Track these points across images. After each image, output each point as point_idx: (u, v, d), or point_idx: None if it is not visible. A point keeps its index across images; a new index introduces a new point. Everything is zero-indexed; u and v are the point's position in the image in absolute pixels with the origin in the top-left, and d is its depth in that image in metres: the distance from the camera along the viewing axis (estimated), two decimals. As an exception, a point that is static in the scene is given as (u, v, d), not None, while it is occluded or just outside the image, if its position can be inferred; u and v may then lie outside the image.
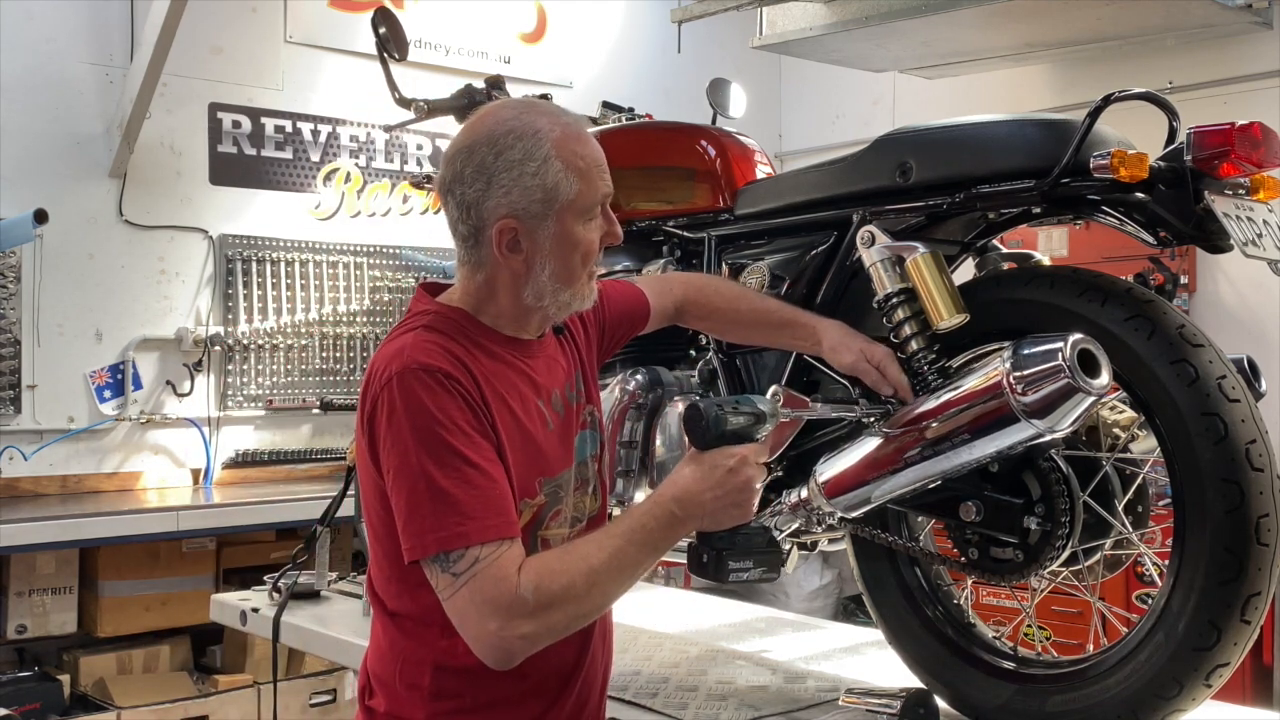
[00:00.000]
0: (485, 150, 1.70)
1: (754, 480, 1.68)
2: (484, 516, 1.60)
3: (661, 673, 2.44)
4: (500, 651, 1.59)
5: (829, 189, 2.16)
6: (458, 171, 1.72)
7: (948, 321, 1.90)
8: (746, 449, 1.69)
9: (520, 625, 1.57)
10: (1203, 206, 1.74)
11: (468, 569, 1.58)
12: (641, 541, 1.65)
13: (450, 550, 1.58)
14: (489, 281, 1.76)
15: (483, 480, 1.61)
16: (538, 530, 1.77)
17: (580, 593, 1.61)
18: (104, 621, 4.57)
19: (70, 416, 4.84)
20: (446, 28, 5.76)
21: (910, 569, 2.13)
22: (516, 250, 1.72)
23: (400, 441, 1.61)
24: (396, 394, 1.62)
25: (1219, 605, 1.68)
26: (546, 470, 1.78)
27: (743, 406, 1.72)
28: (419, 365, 1.63)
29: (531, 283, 1.74)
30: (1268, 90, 4.93)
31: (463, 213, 1.72)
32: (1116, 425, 1.96)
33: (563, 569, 1.61)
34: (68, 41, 4.83)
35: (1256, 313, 5.01)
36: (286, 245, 5.35)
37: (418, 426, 1.61)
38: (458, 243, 1.77)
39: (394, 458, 1.62)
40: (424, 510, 1.60)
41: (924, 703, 2.00)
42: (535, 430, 1.77)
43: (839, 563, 5.74)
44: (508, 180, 1.69)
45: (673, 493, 1.67)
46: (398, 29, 2.76)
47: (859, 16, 4.91)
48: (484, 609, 1.57)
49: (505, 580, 1.57)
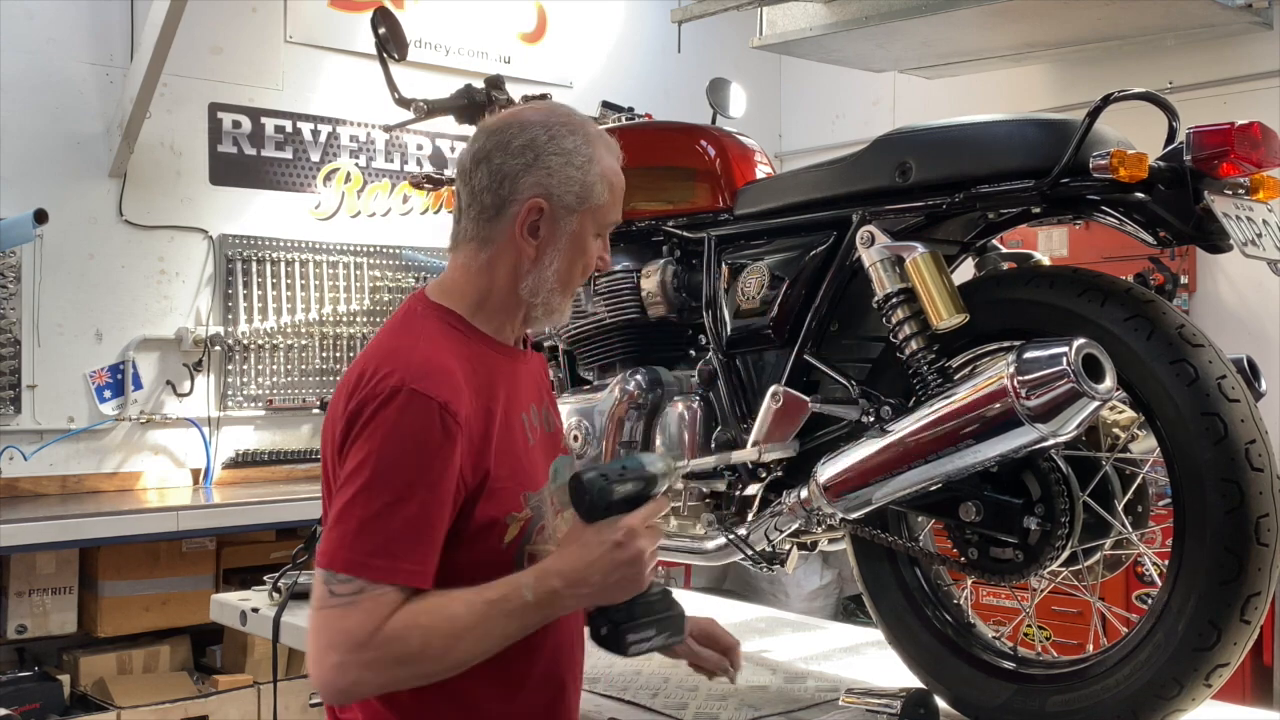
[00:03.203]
0: (539, 130, 1.71)
1: (644, 551, 1.63)
2: (397, 558, 1.57)
3: (661, 673, 2.43)
4: (331, 686, 1.57)
5: (829, 189, 2.16)
6: (503, 142, 1.71)
7: (947, 321, 1.90)
8: (635, 518, 1.63)
9: (359, 671, 1.55)
10: (1202, 206, 1.74)
11: (347, 596, 1.55)
12: (515, 613, 1.61)
13: (344, 573, 1.56)
14: (491, 262, 1.74)
15: (423, 525, 1.59)
16: (525, 545, 1.73)
17: (435, 654, 1.58)
18: (104, 621, 4.57)
19: (70, 416, 4.84)
20: (446, 28, 5.76)
21: (910, 569, 2.13)
22: (534, 234, 1.72)
23: (369, 450, 1.59)
24: (389, 407, 1.59)
25: (1219, 605, 1.68)
26: (530, 484, 1.75)
27: (630, 471, 1.66)
28: (422, 390, 1.60)
29: (535, 273, 1.74)
30: (1268, 90, 4.93)
31: (495, 181, 1.70)
32: (1116, 425, 1.96)
33: (429, 625, 1.57)
34: (68, 41, 4.83)
35: (1256, 313, 5.01)
36: (286, 245, 5.35)
37: (391, 448, 1.58)
38: (472, 215, 1.74)
39: (354, 460, 1.60)
40: (349, 525, 1.58)
41: (924, 703, 2.00)
42: (520, 442, 1.75)
43: (839, 563, 5.74)
44: (555, 163, 1.70)
45: (558, 568, 1.62)
46: (397, 29, 2.76)
47: (859, 16, 4.91)
48: (335, 638, 1.55)
49: (370, 621, 1.54)
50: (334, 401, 1.68)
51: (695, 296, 2.41)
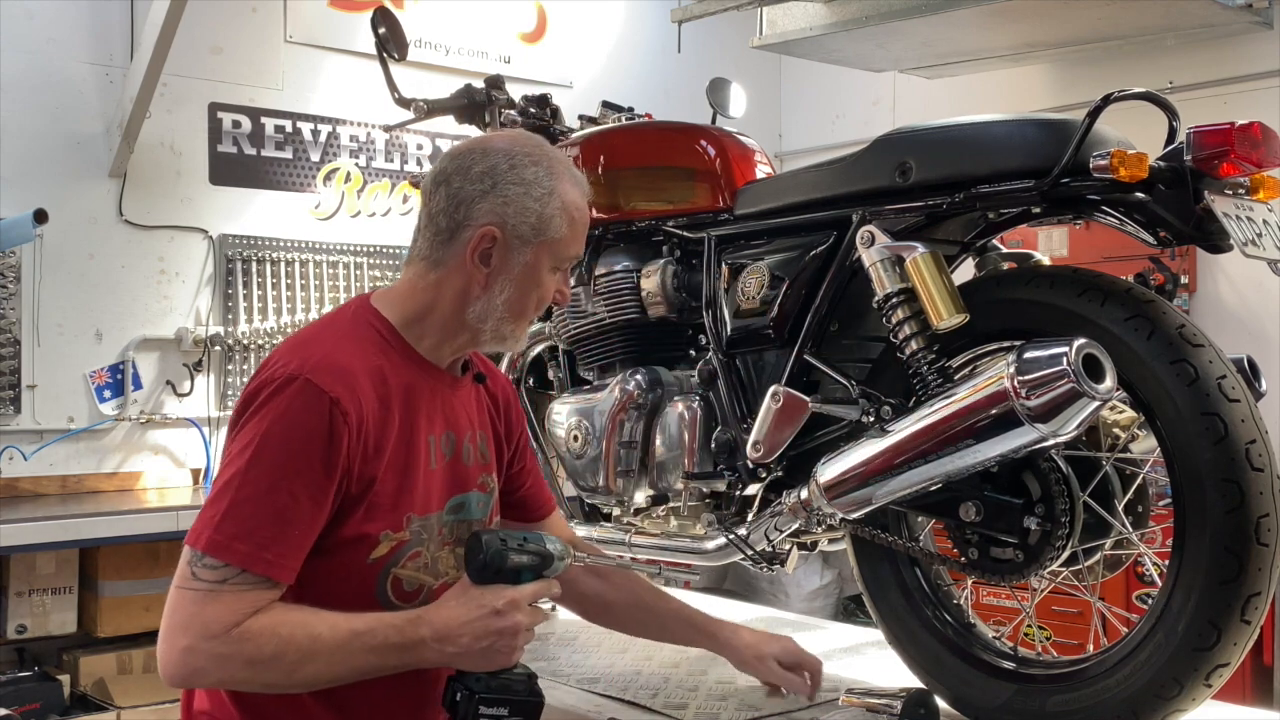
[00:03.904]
0: (500, 158, 1.72)
1: (520, 627, 1.62)
2: (266, 548, 1.55)
3: (661, 673, 2.43)
4: (173, 667, 1.55)
5: (828, 189, 2.16)
6: (464, 166, 1.72)
7: (947, 321, 1.90)
8: (522, 592, 1.63)
9: (205, 660, 1.53)
10: (1203, 206, 1.74)
11: (212, 582, 1.54)
12: (376, 649, 1.59)
13: (211, 556, 1.54)
14: (439, 283, 1.74)
15: (294, 517, 1.57)
16: (391, 567, 1.71)
17: (285, 667, 1.55)
18: (104, 621, 4.56)
19: (70, 416, 4.83)
20: (446, 28, 5.76)
21: (910, 569, 2.13)
22: (485, 262, 1.72)
23: (254, 434, 1.58)
24: (282, 394, 1.59)
25: (1219, 605, 1.68)
26: (418, 507, 1.73)
27: (530, 544, 1.66)
28: (316, 382, 1.60)
29: (485, 300, 1.74)
30: (1268, 90, 4.93)
31: (451, 205, 1.71)
32: (1116, 425, 1.96)
33: (287, 636, 1.55)
34: (68, 41, 4.83)
35: (1256, 313, 5.01)
36: (286, 245, 5.35)
37: (275, 435, 1.57)
38: (428, 236, 1.74)
39: (240, 442, 1.59)
40: (220, 506, 1.56)
41: (924, 703, 2.00)
42: (419, 462, 1.73)
43: (839, 563, 5.74)
44: (512, 192, 1.71)
45: (431, 618, 1.61)
46: (397, 29, 2.76)
47: (859, 16, 4.91)
48: (189, 623, 1.53)
49: (230, 615, 1.53)
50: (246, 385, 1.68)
51: (695, 296, 2.41)
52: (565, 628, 2.87)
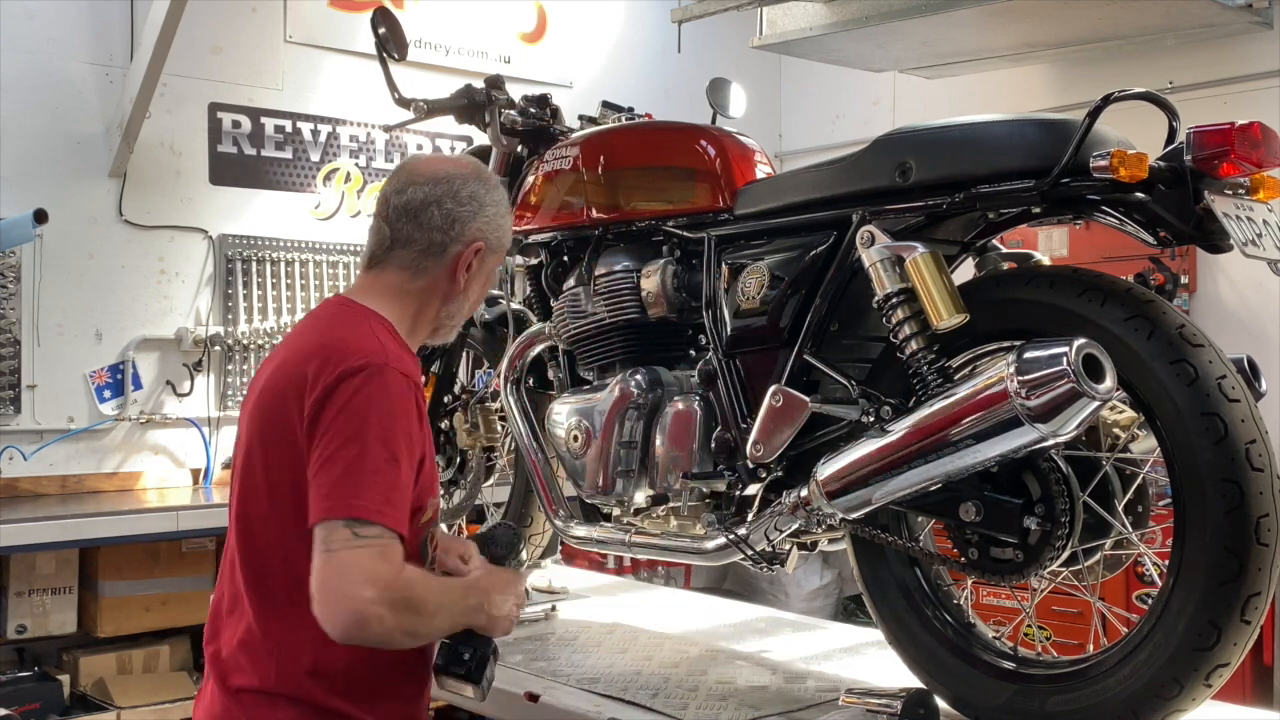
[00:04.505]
0: (477, 183, 1.98)
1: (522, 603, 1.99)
2: (398, 509, 1.75)
3: (661, 673, 2.44)
4: (356, 619, 1.68)
5: (829, 189, 2.16)
6: (452, 190, 1.95)
7: (947, 321, 1.90)
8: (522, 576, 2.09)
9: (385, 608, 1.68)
10: (1203, 206, 1.75)
11: (372, 540, 1.70)
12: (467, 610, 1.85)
13: (366, 518, 1.70)
14: (425, 290, 1.96)
15: (404, 484, 1.77)
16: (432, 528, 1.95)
17: (429, 614, 1.78)
18: (104, 621, 4.56)
19: (70, 416, 4.83)
20: (446, 28, 5.76)
21: (910, 569, 2.13)
22: (468, 270, 1.97)
23: (361, 418, 1.74)
24: (376, 381, 1.76)
25: (1219, 605, 1.68)
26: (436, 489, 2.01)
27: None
28: (402, 369, 1.81)
29: (457, 301, 1.99)
30: (1268, 90, 4.93)
31: (447, 223, 1.93)
32: (1116, 425, 1.96)
33: (427, 585, 1.80)
34: (68, 41, 4.82)
35: (1256, 313, 5.01)
36: (286, 245, 5.34)
37: (383, 413, 1.76)
38: (415, 249, 1.94)
39: (348, 428, 1.73)
40: (358, 479, 1.72)
41: (924, 703, 2.01)
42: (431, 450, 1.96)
43: (839, 563, 5.74)
44: (492, 212, 1.98)
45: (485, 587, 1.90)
46: (397, 29, 2.76)
47: (859, 16, 4.91)
48: (371, 577, 1.68)
49: (396, 563, 1.72)
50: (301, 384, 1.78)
51: (695, 296, 2.41)
52: (565, 628, 2.87)
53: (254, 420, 1.85)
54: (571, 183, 2.62)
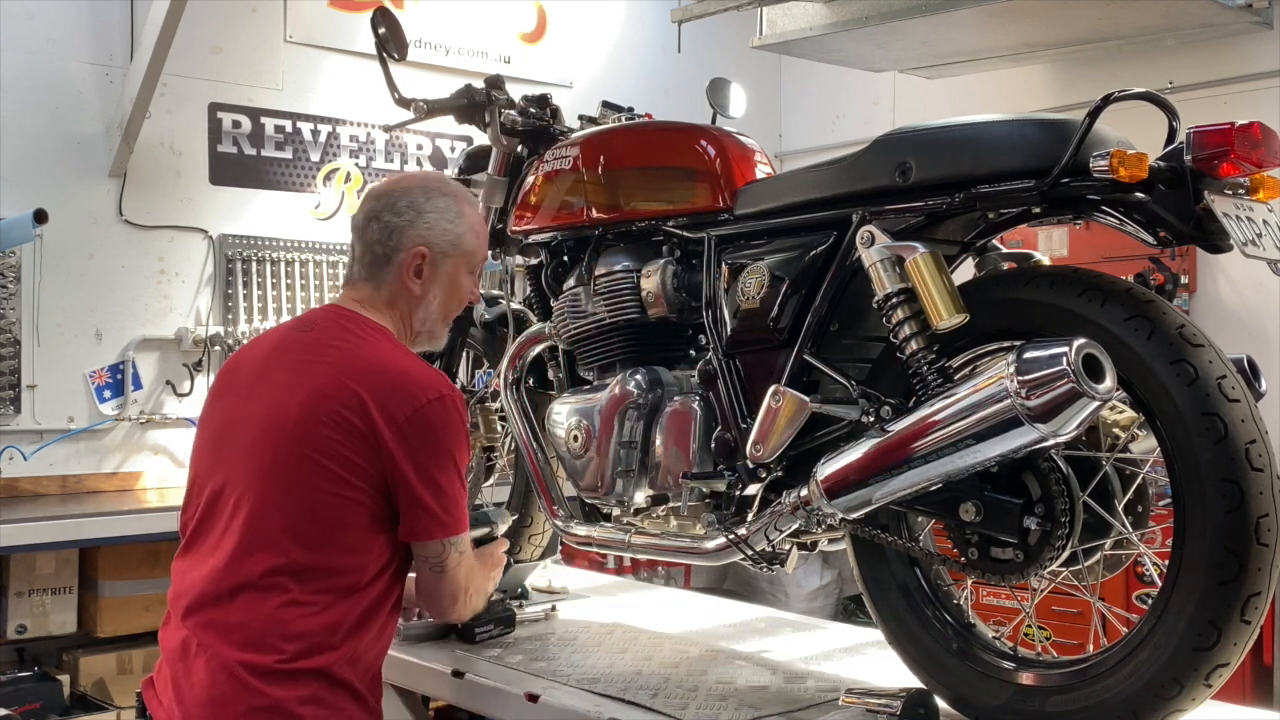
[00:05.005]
0: (418, 193, 2.17)
1: None
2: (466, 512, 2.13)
3: (661, 673, 2.44)
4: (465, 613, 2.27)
5: (829, 189, 2.16)
6: (391, 203, 2.16)
7: (947, 321, 1.90)
8: None
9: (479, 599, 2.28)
10: (1202, 206, 1.74)
11: (464, 550, 2.13)
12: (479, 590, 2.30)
13: (459, 534, 2.10)
14: (391, 300, 2.18)
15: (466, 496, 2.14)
16: None
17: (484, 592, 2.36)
18: (104, 621, 4.56)
19: (70, 416, 4.84)
20: (446, 28, 5.76)
21: (910, 569, 2.13)
22: (419, 276, 2.16)
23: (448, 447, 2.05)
24: (452, 410, 2.05)
25: (1219, 605, 1.68)
26: None
27: None
28: (454, 394, 2.07)
29: (423, 308, 2.19)
30: (1268, 90, 4.93)
31: (385, 235, 2.14)
32: (1116, 425, 1.96)
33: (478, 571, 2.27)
34: (68, 41, 4.83)
35: (1256, 313, 5.01)
36: (286, 245, 5.34)
37: (460, 438, 2.08)
38: (366, 261, 2.17)
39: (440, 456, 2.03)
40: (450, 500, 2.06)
41: (924, 703, 2.00)
42: None
43: (839, 563, 5.75)
44: (432, 219, 2.15)
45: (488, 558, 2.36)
46: (397, 29, 2.76)
47: (859, 16, 4.91)
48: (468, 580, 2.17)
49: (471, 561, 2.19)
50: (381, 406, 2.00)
51: (695, 296, 2.41)
52: (565, 628, 2.87)
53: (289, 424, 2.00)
54: (571, 183, 2.62)
